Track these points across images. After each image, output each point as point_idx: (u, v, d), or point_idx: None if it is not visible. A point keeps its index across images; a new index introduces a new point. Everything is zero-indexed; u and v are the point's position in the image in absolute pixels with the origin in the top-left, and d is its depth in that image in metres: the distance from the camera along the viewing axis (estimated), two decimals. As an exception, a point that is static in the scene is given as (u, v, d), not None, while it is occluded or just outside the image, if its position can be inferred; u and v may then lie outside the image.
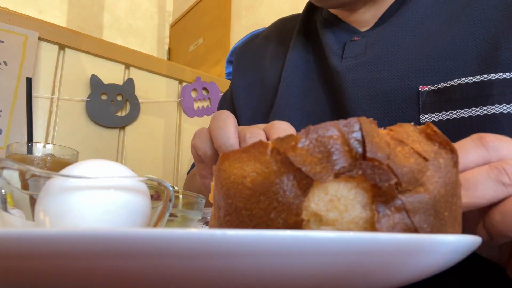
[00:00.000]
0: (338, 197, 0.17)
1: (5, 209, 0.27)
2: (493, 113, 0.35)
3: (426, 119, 0.39)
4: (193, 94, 1.30)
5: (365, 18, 0.52)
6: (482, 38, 0.39)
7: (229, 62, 1.51)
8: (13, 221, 0.27)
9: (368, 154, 0.17)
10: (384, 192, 0.17)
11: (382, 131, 0.20)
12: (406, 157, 0.18)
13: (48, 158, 0.55)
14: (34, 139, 0.72)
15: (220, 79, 1.37)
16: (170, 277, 0.14)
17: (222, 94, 0.77)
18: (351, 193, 0.18)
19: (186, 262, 0.14)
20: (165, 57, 2.50)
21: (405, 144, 0.19)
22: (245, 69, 0.66)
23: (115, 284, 0.14)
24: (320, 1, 0.50)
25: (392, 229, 0.17)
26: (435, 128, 0.20)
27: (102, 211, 0.25)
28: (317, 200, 0.17)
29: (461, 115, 0.37)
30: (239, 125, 0.64)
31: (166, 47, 2.56)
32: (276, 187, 0.17)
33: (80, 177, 0.26)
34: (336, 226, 0.17)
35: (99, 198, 0.26)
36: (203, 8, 2.23)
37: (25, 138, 0.65)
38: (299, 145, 0.18)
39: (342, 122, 0.18)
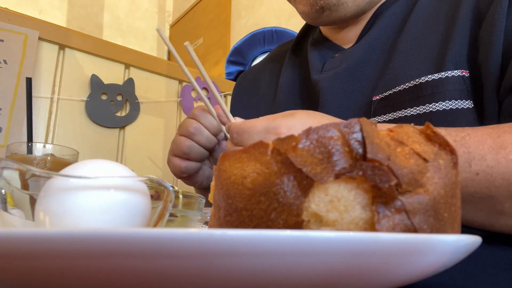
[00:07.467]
0: (338, 198, 0.17)
1: (5, 209, 0.27)
2: (424, 112, 0.44)
3: (376, 120, 0.47)
4: (193, 94, 1.30)
5: (349, 36, 0.58)
6: (431, 44, 0.46)
7: (229, 62, 1.51)
8: (13, 221, 0.27)
9: (369, 155, 0.17)
10: (384, 193, 0.17)
11: (382, 132, 0.20)
12: (406, 158, 0.18)
13: (48, 158, 0.55)
14: (34, 139, 0.72)
15: (220, 79, 1.37)
16: (170, 277, 0.14)
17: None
18: (351, 194, 0.18)
19: (186, 262, 0.14)
20: (165, 57, 2.50)
21: (405, 145, 0.19)
22: (242, 92, 0.75)
23: (115, 284, 0.14)
24: (311, 20, 0.56)
25: (392, 230, 0.17)
26: (434, 129, 0.20)
27: (102, 211, 0.25)
28: (318, 201, 0.17)
29: (399, 115, 0.46)
30: None
31: (166, 47, 2.55)
32: (277, 188, 0.17)
33: (80, 177, 0.26)
34: (336, 227, 0.17)
35: (99, 198, 0.26)
36: (203, 8, 2.23)
37: (25, 137, 0.65)
38: (300, 145, 0.18)
39: (342, 123, 0.18)
